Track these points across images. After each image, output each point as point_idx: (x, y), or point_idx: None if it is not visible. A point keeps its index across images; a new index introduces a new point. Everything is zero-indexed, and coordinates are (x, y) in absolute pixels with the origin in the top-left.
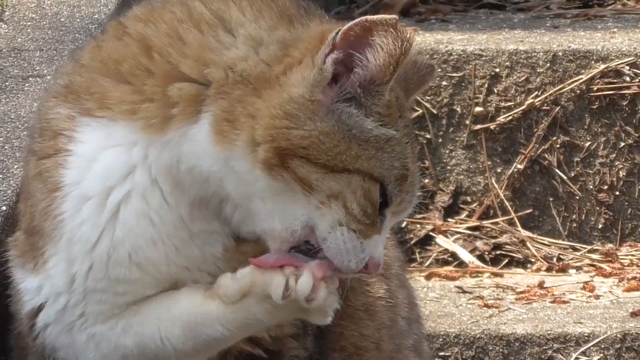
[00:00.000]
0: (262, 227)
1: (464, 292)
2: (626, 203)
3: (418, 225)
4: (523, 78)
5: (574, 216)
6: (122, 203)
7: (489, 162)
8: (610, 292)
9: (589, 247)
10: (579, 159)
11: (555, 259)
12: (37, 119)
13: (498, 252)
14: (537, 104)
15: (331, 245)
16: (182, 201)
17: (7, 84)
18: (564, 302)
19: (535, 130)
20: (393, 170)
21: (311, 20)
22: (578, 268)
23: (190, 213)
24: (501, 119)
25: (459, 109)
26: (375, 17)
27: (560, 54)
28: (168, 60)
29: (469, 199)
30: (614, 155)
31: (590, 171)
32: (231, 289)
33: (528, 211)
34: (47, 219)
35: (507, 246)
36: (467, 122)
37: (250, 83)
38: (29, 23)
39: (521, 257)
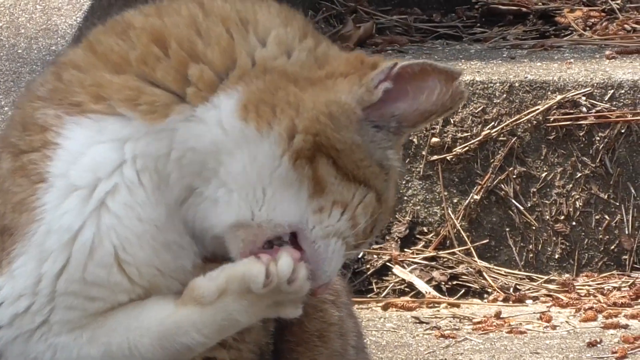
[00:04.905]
0: (237, 217)
1: (421, 322)
2: (583, 233)
3: (375, 256)
4: (480, 109)
5: (530, 246)
6: (108, 194)
7: (446, 193)
8: (567, 322)
9: (546, 277)
10: (535, 190)
11: (512, 289)
12: (19, 116)
13: (455, 283)
14: (493, 134)
15: (319, 250)
16: (162, 203)
17: None
18: (521, 332)
19: (492, 160)
20: (388, 201)
21: (330, 43)
22: (535, 298)
23: (166, 219)
24: (458, 149)
25: (415, 140)
26: (440, 65)
27: (516, 84)
28: (189, 48)
29: (425, 229)
30: (571, 185)
31: (546, 201)
32: (208, 288)
33: (485, 241)
34: (25, 211)
35: (463, 276)
36: (424, 152)
37: (287, 76)
38: None
39: (478, 287)
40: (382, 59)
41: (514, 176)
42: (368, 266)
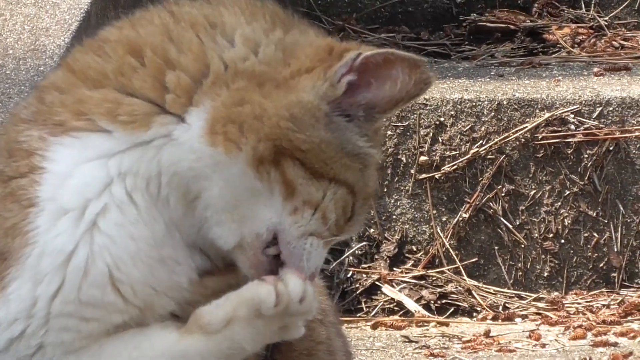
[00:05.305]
0: (232, 240)
1: (410, 341)
2: (572, 251)
3: (364, 275)
4: (468, 127)
5: (519, 264)
6: (99, 215)
7: (434, 211)
8: (556, 340)
9: (535, 296)
10: (524, 208)
11: (501, 308)
12: (4, 141)
13: (444, 301)
14: (482, 152)
15: (295, 251)
16: (159, 220)
17: None
18: (510, 350)
19: (481, 179)
20: (366, 189)
21: (305, 28)
22: (524, 316)
23: (163, 234)
24: (446, 168)
25: (404, 159)
26: (403, 53)
27: (505, 102)
28: (164, 55)
29: (414, 248)
30: (559, 203)
31: (535, 219)
32: (215, 316)
33: (473, 260)
34: (17, 236)
35: (453, 295)
36: (412, 171)
37: (255, 79)
38: None
39: (467, 306)
40: (352, 46)
41: (503, 194)
42: (357, 285)
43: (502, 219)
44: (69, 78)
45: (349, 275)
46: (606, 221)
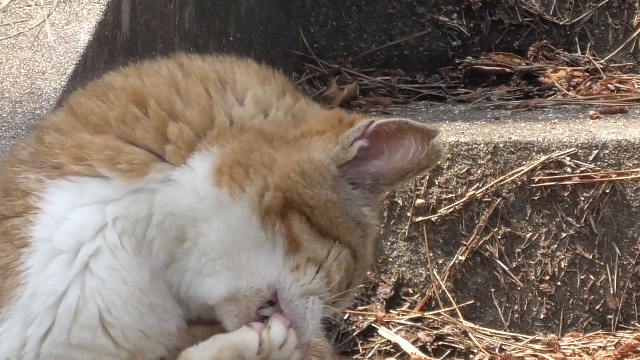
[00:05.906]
0: (226, 290)
1: None
2: (568, 293)
3: (360, 317)
4: (464, 170)
5: (515, 307)
6: (92, 258)
7: (431, 254)
8: None
9: (531, 337)
10: (520, 250)
11: (497, 350)
12: (0, 181)
13: (440, 343)
14: (478, 195)
15: (297, 309)
16: (144, 267)
17: None
18: None
19: (477, 221)
20: (365, 259)
21: (310, 100)
22: (521, 358)
23: (150, 282)
24: (442, 210)
25: (400, 201)
26: (416, 123)
27: (501, 145)
28: (169, 107)
29: (410, 290)
30: (556, 245)
31: (531, 262)
32: (201, 358)
33: (470, 302)
34: (9, 276)
35: (449, 337)
36: (409, 214)
37: (263, 135)
38: None
39: (463, 348)
40: (361, 117)
41: (499, 237)
42: (354, 327)
43: (498, 261)
44: (70, 120)
45: (345, 317)
46: (602, 263)
